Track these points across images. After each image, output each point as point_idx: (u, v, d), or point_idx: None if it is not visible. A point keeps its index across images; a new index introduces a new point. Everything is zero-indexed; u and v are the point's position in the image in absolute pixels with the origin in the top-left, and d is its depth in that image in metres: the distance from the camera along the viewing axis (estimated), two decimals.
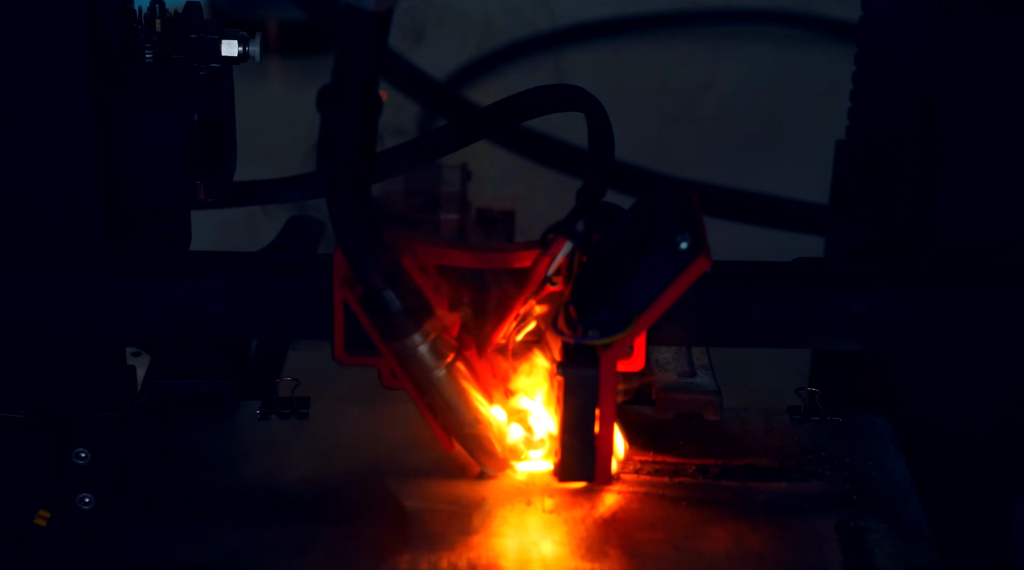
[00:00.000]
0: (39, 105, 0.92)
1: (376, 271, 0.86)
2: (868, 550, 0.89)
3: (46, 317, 0.93)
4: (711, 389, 1.00)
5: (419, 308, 0.88)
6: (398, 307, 0.87)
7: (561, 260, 0.88)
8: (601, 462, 0.90)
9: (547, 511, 0.91)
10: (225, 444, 0.96)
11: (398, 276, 0.87)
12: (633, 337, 0.87)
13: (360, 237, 0.85)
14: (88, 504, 1.00)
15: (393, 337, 0.88)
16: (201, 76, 0.98)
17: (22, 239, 0.94)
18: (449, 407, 0.91)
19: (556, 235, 0.88)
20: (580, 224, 0.88)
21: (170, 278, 0.93)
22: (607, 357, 0.87)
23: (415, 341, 0.88)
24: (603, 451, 0.90)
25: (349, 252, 0.86)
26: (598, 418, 0.88)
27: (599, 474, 0.91)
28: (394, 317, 0.87)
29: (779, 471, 0.95)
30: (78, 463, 0.99)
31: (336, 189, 0.83)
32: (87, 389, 0.99)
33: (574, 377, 0.87)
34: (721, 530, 0.90)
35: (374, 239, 0.86)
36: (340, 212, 0.84)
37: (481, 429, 0.91)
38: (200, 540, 0.89)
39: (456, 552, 0.88)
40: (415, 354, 0.89)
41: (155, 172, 0.97)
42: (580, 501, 0.92)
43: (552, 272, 0.88)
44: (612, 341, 0.87)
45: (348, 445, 0.96)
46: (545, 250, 0.89)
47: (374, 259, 0.86)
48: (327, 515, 0.91)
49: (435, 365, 0.89)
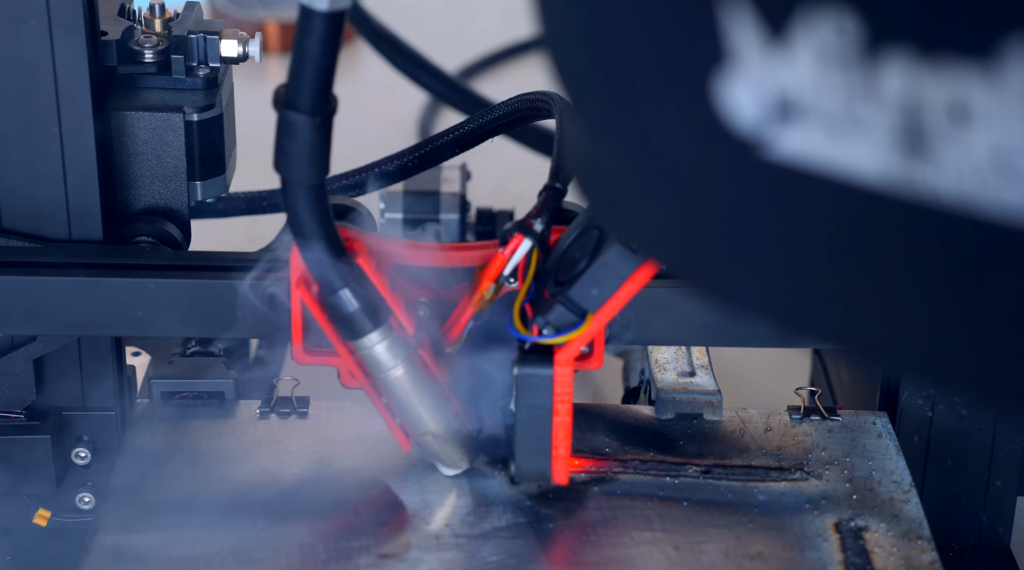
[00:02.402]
0: (39, 105, 0.92)
1: (332, 270, 0.86)
2: (868, 550, 0.89)
3: (46, 317, 0.93)
4: (711, 389, 1.00)
5: (376, 307, 0.88)
6: (354, 306, 0.87)
7: (519, 259, 0.88)
8: (558, 461, 0.90)
9: (548, 511, 0.91)
10: (225, 444, 0.97)
11: (354, 275, 0.87)
12: (588, 336, 0.87)
13: (316, 236, 0.85)
14: (88, 504, 1.00)
15: (350, 336, 0.89)
16: (201, 76, 0.98)
17: (22, 239, 0.94)
18: (405, 407, 0.91)
19: (514, 233, 0.88)
20: (539, 223, 0.88)
21: (170, 278, 0.93)
22: (562, 356, 0.87)
23: (372, 340, 0.88)
24: (559, 450, 0.90)
25: (305, 251, 0.86)
26: (554, 417, 0.88)
27: (556, 473, 0.91)
28: (350, 316, 0.88)
29: (779, 471, 0.95)
30: (78, 463, 0.99)
31: (292, 188, 0.84)
32: (87, 389, 0.99)
33: (529, 376, 0.88)
34: (721, 530, 0.90)
35: (330, 238, 0.86)
36: (296, 211, 0.84)
37: (437, 429, 0.91)
38: (200, 540, 0.89)
39: (457, 552, 0.88)
40: (372, 353, 0.89)
41: (155, 172, 0.97)
42: (580, 501, 0.92)
43: (509, 271, 0.88)
44: (566, 340, 0.87)
45: (348, 445, 0.96)
46: (503, 248, 0.88)
47: (330, 258, 0.86)
48: (327, 515, 0.91)
49: (392, 364, 0.89)
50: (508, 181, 1.49)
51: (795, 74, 0.48)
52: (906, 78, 0.46)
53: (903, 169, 0.47)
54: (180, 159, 0.97)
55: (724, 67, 0.49)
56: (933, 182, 0.47)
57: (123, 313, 0.93)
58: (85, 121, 0.93)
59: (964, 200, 0.47)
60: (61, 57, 0.91)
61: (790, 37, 0.47)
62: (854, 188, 0.48)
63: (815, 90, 0.48)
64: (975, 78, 0.45)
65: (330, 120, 0.82)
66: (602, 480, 0.94)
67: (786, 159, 0.49)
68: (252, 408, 1.00)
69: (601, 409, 1.01)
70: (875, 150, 0.47)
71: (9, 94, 0.92)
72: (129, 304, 0.93)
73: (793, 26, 0.47)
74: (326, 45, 0.80)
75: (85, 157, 0.93)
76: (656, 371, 1.02)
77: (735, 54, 0.49)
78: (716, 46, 0.49)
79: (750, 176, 0.50)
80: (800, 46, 0.47)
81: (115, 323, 0.94)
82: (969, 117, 0.46)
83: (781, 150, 0.49)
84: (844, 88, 0.47)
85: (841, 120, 0.48)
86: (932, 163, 0.47)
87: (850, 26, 0.46)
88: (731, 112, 0.50)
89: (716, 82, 0.50)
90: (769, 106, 0.49)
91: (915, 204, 0.47)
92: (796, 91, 0.48)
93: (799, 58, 0.48)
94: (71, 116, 0.92)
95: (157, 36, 0.98)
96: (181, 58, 0.97)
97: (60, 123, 0.93)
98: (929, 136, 0.47)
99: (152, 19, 0.99)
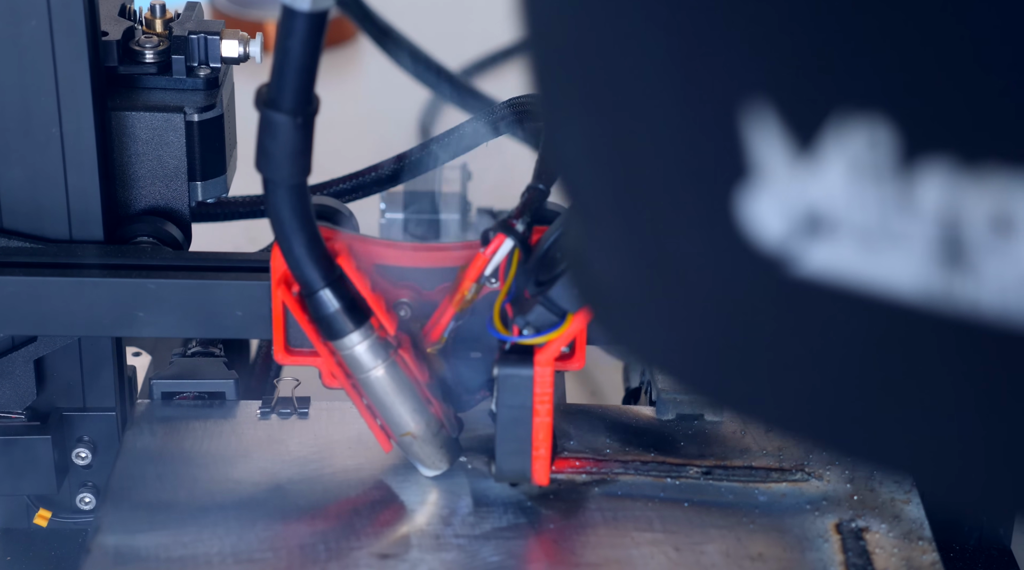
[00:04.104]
0: (39, 105, 0.92)
1: (313, 270, 0.86)
2: (869, 551, 0.89)
3: (46, 317, 0.93)
4: None
5: (356, 307, 0.88)
6: (335, 306, 0.87)
7: (500, 259, 0.88)
8: (538, 462, 0.90)
9: (548, 511, 0.91)
10: (225, 444, 0.96)
11: (335, 275, 0.87)
12: (568, 337, 0.87)
13: (297, 236, 0.85)
14: (88, 504, 1.00)
15: (330, 336, 0.88)
16: (201, 76, 0.98)
17: (22, 239, 0.94)
18: (386, 407, 0.91)
19: (496, 233, 0.88)
20: (521, 223, 0.88)
21: (170, 278, 0.93)
22: (542, 356, 0.87)
23: (352, 341, 0.88)
24: (540, 451, 0.90)
25: (286, 251, 0.86)
26: (534, 417, 0.89)
27: (536, 474, 0.91)
28: (331, 316, 0.88)
29: (780, 472, 0.95)
30: (78, 463, 0.99)
31: (273, 188, 0.84)
32: (87, 389, 0.99)
33: (509, 376, 0.88)
34: (722, 531, 0.90)
35: (311, 238, 0.86)
36: (277, 211, 0.84)
37: (417, 429, 0.91)
38: (200, 540, 0.89)
39: (458, 552, 0.88)
40: (352, 354, 0.89)
41: (155, 172, 0.97)
42: (580, 501, 0.92)
43: (491, 271, 0.88)
44: (546, 340, 0.87)
45: (348, 445, 0.96)
46: (484, 248, 0.88)
47: (311, 258, 0.86)
48: (327, 515, 0.91)
49: (373, 365, 0.89)
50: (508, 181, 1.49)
51: (825, 187, 0.45)
52: (945, 189, 0.43)
53: (942, 282, 0.44)
54: (181, 159, 0.97)
55: (747, 181, 0.46)
56: (975, 295, 0.44)
57: (123, 313, 0.93)
58: (85, 121, 0.93)
59: (1008, 314, 0.44)
60: (61, 57, 0.91)
61: (820, 150, 0.45)
62: (889, 303, 0.45)
63: (847, 203, 0.45)
64: (1019, 187, 0.43)
65: (311, 120, 0.82)
66: (603, 481, 0.94)
67: (815, 275, 0.46)
68: (252, 408, 0.99)
69: (602, 410, 1.01)
70: (912, 263, 0.45)
71: (9, 94, 0.92)
72: (129, 304, 0.93)
73: (823, 139, 0.44)
74: (308, 45, 0.80)
75: (85, 157, 0.93)
76: (657, 372, 1.01)
77: (760, 168, 0.46)
78: (738, 160, 0.46)
79: (775, 293, 0.47)
80: (831, 159, 0.44)
81: (115, 323, 0.94)
82: (1013, 227, 0.43)
83: (809, 266, 0.46)
84: (878, 201, 0.44)
85: (875, 233, 0.45)
86: (973, 276, 0.44)
87: (884, 137, 0.44)
88: (755, 227, 0.47)
89: (738, 196, 0.46)
90: (796, 221, 0.46)
91: (955, 319, 0.45)
92: (826, 204, 0.45)
93: (829, 171, 0.45)
94: (71, 116, 0.92)
95: (158, 36, 0.98)
96: (182, 58, 0.97)
97: (60, 123, 0.92)
98: (970, 248, 0.44)
99: (153, 19, 0.99)
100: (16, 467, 0.97)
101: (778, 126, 0.45)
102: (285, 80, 0.81)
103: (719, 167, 0.47)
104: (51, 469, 0.98)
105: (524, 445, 0.90)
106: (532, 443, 0.90)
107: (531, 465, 0.90)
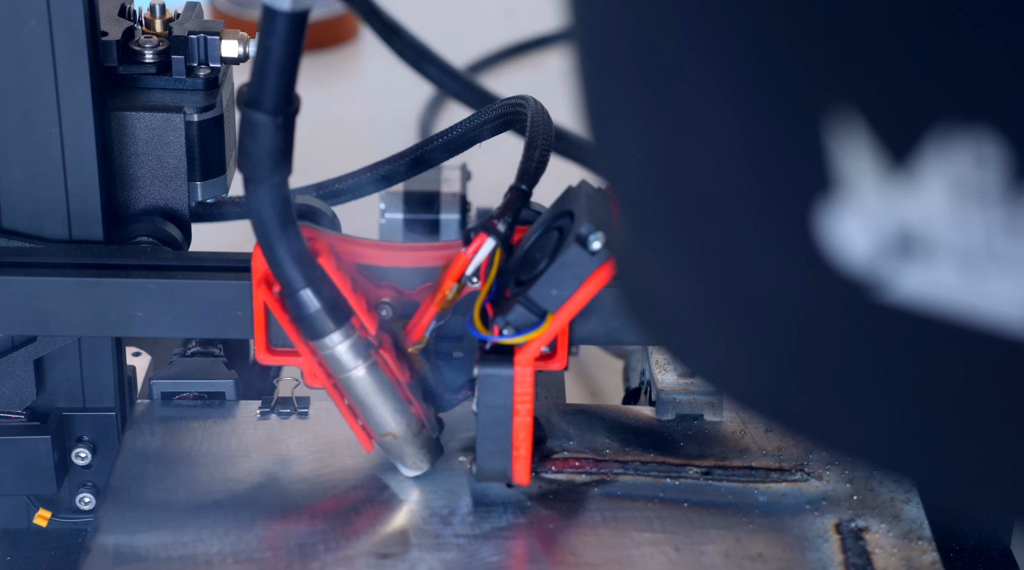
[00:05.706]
0: (39, 105, 0.92)
1: (294, 270, 0.86)
2: (869, 551, 0.89)
3: (46, 317, 0.93)
4: (711, 389, 1.00)
5: (337, 307, 0.88)
6: (316, 306, 0.87)
7: (482, 259, 0.88)
8: (518, 462, 0.90)
9: (548, 511, 0.91)
10: (225, 444, 0.96)
11: (316, 275, 0.87)
12: (548, 337, 0.87)
13: (278, 236, 0.85)
14: (88, 504, 1.00)
15: (311, 336, 0.89)
16: (201, 76, 0.98)
17: (22, 239, 0.94)
18: (367, 407, 0.91)
19: (478, 233, 0.88)
20: (502, 223, 0.88)
21: (170, 278, 0.93)
22: (522, 356, 0.87)
23: (333, 341, 0.88)
24: (520, 450, 0.90)
25: (267, 250, 0.86)
26: (515, 417, 0.89)
27: (516, 473, 0.91)
28: (312, 316, 0.88)
29: (779, 472, 0.95)
30: (78, 463, 0.99)
31: (254, 188, 0.84)
32: (87, 389, 0.99)
33: (489, 376, 0.88)
34: (722, 531, 0.90)
35: (292, 238, 0.86)
36: (258, 211, 0.85)
37: (399, 430, 0.91)
38: (200, 540, 0.89)
39: (457, 552, 0.88)
40: (333, 354, 0.89)
41: (155, 172, 0.97)
42: (581, 502, 0.92)
43: (472, 270, 0.88)
44: (526, 340, 0.87)
45: (348, 445, 0.96)
46: (466, 248, 0.88)
47: (292, 258, 0.86)
48: (327, 515, 0.91)
49: (353, 365, 0.89)
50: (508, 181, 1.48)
51: (921, 206, 0.41)
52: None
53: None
54: (180, 159, 0.97)
55: (831, 197, 0.42)
56: None
57: (123, 313, 0.93)
58: (85, 121, 0.93)
59: None
60: (61, 57, 0.91)
61: (916, 166, 0.40)
62: (992, 334, 0.41)
63: (947, 224, 0.41)
64: None
65: (292, 120, 0.83)
66: (603, 481, 0.94)
67: (907, 301, 0.42)
68: (252, 408, 1.00)
69: (602, 410, 1.01)
70: (1019, 291, 0.41)
71: (9, 94, 0.92)
72: (129, 304, 0.93)
73: (921, 154, 0.40)
74: (289, 45, 0.80)
75: (85, 157, 0.93)
76: (657, 372, 1.02)
77: (846, 183, 0.42)
78: (821, 172, 0.42)
79: (862, 319, 0.43)
80: (930, 176, 0.40)
81: (115, 323, 0.94)
82: None
83: (901, 291, 0.42)
84: (983, 222, 0.40)
85: (979, 257, 0.41)
86: None
87: (993, 154, 0.39)
88: (838, 247, 0.43)
89: (820, 213, 0.43)
90: (887, 241, 0.42)
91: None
92: (922, 225, 0.41)
93: (928, 190, 0.40)
94: (71, 116, 0.92)
95: (157, 36, 0.98)
96: (181, 58, 0.98)
97: (60, 123, 0.93)
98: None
99: (152, 19, 0.99)
100: (16, 467, 0.98)
101: (868, 138, 0.41)
102: (266, 80, 0.81)
103: (798, 180, 0.43)
104: (51, 469, 0.98)
105: (504, 445, 0.90)
106: (512, 443, 0.89)
107: (512, 465, 0.90)
